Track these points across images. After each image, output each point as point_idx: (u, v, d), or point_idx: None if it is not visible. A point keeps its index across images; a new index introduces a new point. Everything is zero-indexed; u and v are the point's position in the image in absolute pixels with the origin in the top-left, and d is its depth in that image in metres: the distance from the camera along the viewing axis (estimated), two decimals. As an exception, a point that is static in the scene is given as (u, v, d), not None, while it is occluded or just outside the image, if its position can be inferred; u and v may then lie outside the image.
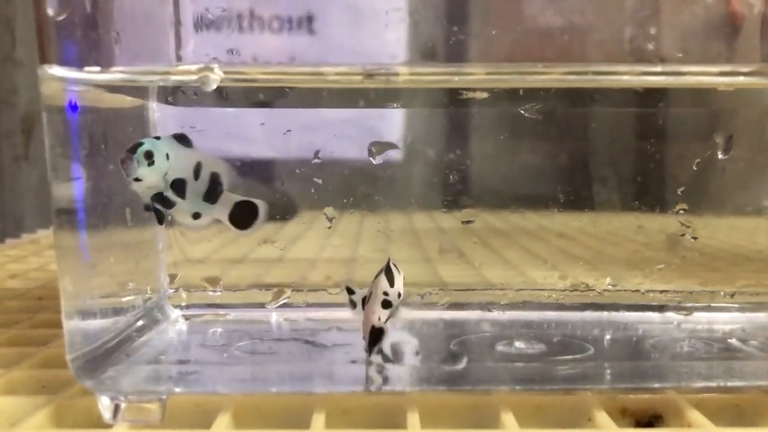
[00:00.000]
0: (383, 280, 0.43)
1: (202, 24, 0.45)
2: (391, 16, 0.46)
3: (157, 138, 0.44)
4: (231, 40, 0.46)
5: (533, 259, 0.55)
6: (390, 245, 0.52)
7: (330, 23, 0.48)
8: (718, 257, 0.54)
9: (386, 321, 0.43)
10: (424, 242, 0.54)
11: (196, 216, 0.46)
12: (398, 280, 0.44)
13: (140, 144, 0.42)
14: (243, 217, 0.48)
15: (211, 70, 0.40)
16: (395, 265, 0.45)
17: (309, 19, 0.48)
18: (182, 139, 0.45)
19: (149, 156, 0.42)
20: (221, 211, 0.47)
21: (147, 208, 0.45)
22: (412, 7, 0.46)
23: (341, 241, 0.53)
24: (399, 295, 0.45)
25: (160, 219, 0.46)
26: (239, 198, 0.47)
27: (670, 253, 0.53)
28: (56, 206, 0.40)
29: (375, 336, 0.43)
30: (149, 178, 0.43)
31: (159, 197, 0.44)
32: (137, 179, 0.42)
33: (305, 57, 0.49)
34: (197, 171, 0.45)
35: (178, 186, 0.44)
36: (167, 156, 0.43)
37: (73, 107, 0.40)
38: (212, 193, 0.46)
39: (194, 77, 0.41)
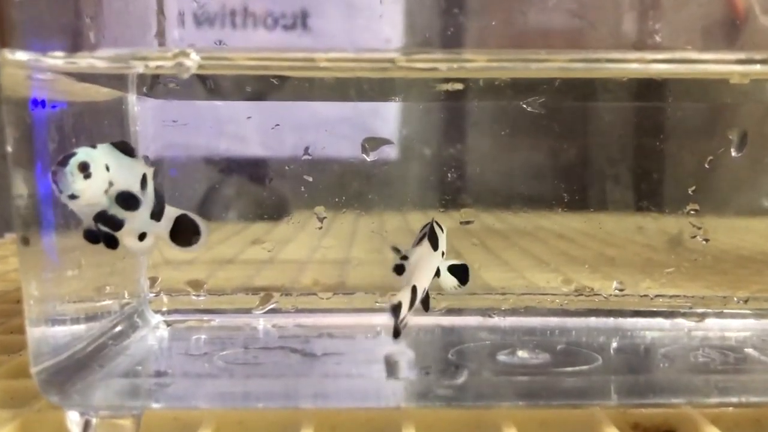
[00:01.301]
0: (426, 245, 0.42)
1: (184, 16, 0.43)
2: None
3: (93, 147, 0.37)
4: (222, 37, 0.44)
5: (536, 262, 0.53)
6: (385, 246, 0.50)
7: (325, 15, 0.46)
8: (730, 260, 0.52)
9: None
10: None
11: (142, 236, 0.41)
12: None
13: (73, 154, 0.36)
14: (185, 233, 0.43)
15: (187, 55, 0.37)
16: (437, 224, 0.44)
17: (303, 15, 0.47)
18: (123, 147, 0.39)
19: (84, 168, 0.36)
20: (164, 227, 0.42)
21: (89, 235, 0.38)
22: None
23: (333, 242, 0.50)
24: (442, 254, 0.44)
25: (111, 243, 0.39)
26: (178, 212, 0.43)
27: (679, 256, 0.51)
28: (19, 204, 0.38)
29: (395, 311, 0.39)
30: (87, 194, 0.36)
31: (103, 217, 0.38)
32: (73, 196, 0.36)
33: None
34: (143, 184, 0.40)
35: (128, 200, 0.38)
36: (107, 167, 0.37)
37: (37, 97, 0.37)
38: (159, 208, 0.41)
39: (169, 63, 0.38)
